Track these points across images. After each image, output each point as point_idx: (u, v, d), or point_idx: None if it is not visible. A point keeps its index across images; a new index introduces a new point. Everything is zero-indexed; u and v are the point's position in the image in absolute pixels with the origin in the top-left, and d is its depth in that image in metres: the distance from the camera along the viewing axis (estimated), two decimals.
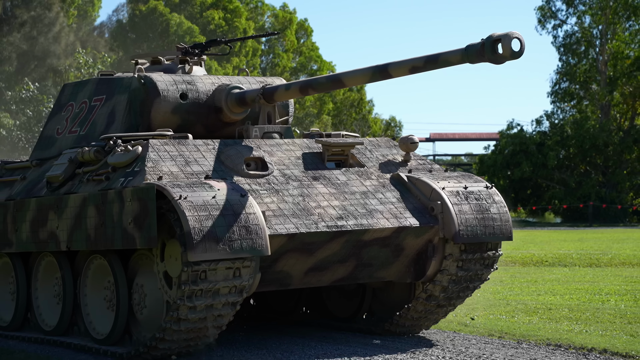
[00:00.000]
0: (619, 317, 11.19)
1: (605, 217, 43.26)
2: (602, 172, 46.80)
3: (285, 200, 8.57)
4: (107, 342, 9.00)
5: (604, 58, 47.06)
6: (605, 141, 45.40)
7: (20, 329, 10.40)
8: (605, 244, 25.01)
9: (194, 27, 44.97)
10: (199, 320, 8.18)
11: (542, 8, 49.23)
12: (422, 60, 8.23)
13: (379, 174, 9.37)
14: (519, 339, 9.67)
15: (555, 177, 46.49)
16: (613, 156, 46.29)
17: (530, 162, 45.86)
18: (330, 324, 10.41)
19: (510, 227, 9.22)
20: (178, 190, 7.96)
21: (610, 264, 19.10)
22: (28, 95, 41.17)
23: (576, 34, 48.17)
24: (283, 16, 50.38)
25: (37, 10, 43.56)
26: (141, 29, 46.11)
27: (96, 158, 9.11)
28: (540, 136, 47.25)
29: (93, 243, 8.82)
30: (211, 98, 10.00)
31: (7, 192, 10.40)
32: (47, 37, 43.65)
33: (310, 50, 51.04)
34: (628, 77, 46.19)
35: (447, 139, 75.41)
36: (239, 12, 47.46)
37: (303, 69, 49.66)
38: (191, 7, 47.50)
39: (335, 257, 8.79)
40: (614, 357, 8.80)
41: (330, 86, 9.27)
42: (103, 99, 10.21)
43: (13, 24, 43.18)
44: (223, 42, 11.28)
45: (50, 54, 43.54)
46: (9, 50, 42.47)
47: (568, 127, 46.86)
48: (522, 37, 7.41)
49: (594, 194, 44.41)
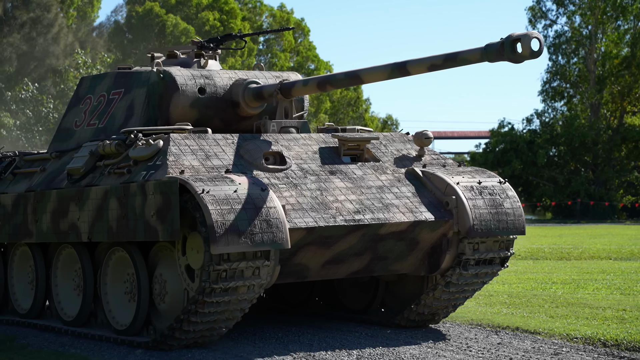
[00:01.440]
0: (549, 302, 11.90)
1: (594, 213, 44.01)
2: (592, 170, 47.56)
3: (303, 195, 8.75)
4: (128, 332, 9.18)
5: (593, 57, 47.81)
6: (594, 139, 46.20)
7: (39, 317, 10.58)
8: (580, 239, 25.63)
9: (190, 27, 45.46)
10: (219, 312, 8.37)
11: (533, 8, 50.04)
12: (441, 59, 8.39)
13: (394, 168, 9.54)
14: (448, 321, 10.43)
15: (545, 175, 47.28)
16: (602, 154, 47.06)
17: (520, 160, 46.67)
18: (342, 316, 10.59)
19: (523, 221, 9.40)
20: (200, 184, 8.13)
21: (580, 258, 19.68)
22: (27, 96, 41.56)
23: (566, 33, 48.98)
24: (280, 16, 50.90)
25: (37, 12, 44.33)
26: (138, 30, 46.72)
27: (117, 151, 9.27)
28: (531, 134, 48.09)
29: (115, 235, 8.99)
30: (228, 92, 10.15)
31: (26, 184, 10.55)
32: (46, 38, 44.36)
33: (307, 50, 51.44)
34: (616, 76, 46.99)
35: (447, 137, 75.84)
36: (234, 14, 47.93)
37: (300, 69, 50.11)
38: (187, 9, 48.03)
39: (352, 250, 8.97)
40: (523, 334, 9.63)
41: (348, 82, 9.43)
42: (121, 92, 10.35)
43: (13, 25, 43.92)
44: (238, 36, 11.43)
45: (49, 55, 44.18)
46: (9, 51, 43.08)
47: (558, 126, 47.74)
48: (541, 37, 7.57)
49: (583, 191, 45.17)
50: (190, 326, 8.47)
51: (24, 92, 41.76)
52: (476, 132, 71.71)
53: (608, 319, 10.41)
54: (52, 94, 42.35)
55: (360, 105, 53.86)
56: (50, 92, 42.48)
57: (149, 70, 10.22)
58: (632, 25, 47.53)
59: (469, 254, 9.15)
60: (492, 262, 9.39)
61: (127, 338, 9.12)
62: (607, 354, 8.71)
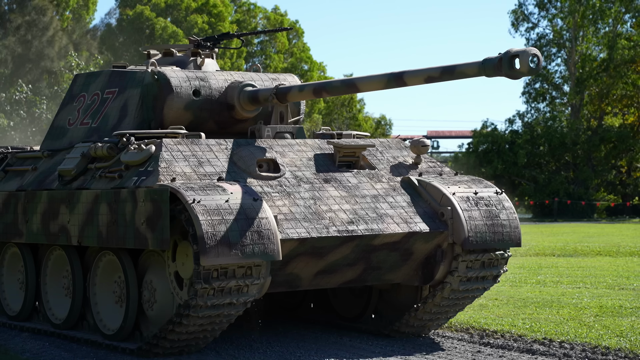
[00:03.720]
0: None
1: (573, 212, 44.96)
2: (572, 170, 48.52)
3: (296, 204, 8.62)
4: (116, 337, 9.08)
5: (574, 60, 48.83)
6: (574, 140, 47.27)
7: (29, 320, 10.48)
8: (536, 237, 26.49)
9: (179, 30, 45.93)
10: (206, 323, 8.26)
11: (516, 12, 51.12)
12: (439, 71, 8.24)
13: (389, 176, 9.41)
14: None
15: (526, 175, 48.25)
16: (581, 154, 48.11)
17: (501, 159, 47.69)
18: (336, 323, 10.48)
19: (519, 233, 9.27)
20: (192, 193, 8.00)
21: (526, 254, 20.70)
22: (22, 97, 42.04)
23: (547, 36, 50.13)
24: (275, 18, 51.10)
25: (32, 15, 45.28)
26: (129, 33, 47.41)
27: (109, 154, 9.13)
28: (512, 135, 49.15)
29: (104, 240, 8.87)
30: (224, 95, 10.01)
31: (17, 182, 10.42)
32: (41, 41, 45.31)
33: (301, 51, 51.53)
34: (594, 78, 47.95)
35: (444, 136, 76.24)
36: (222, 16, 48.28)
37: (294, 70, 50.44)
38: (176, 12, 48.48)
39: (345, 260, 8.85)
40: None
41: (344, 90, 9.30)
42: (115, 92, 10.21)
43: (8, 28, 44.84)
44: (235, 35, 11.27)
45: (44, 57, 44.93)
46: (4, 53, 43.80)
47: (538, 126, 48.80)
48: (540, 53, 7.42)
49: (562, 191, 46.14)
50: (177, 335, 8.37)
51: (18, 94, 42.31)
52: (460, 132, 72.44)
53: None
54: (46, 94, 42.89)
55: (354, 106, 54.00)
56: (44, 93, 43.01)
57: (144, 70, 10.07)
58: (611, 28, 48.77)
59: (462, 272, 9.03)
60: (485, 278, 9.27)
61: (118, 344, 9.00)
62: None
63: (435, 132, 76.73)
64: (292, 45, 51.69)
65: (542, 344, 9.36)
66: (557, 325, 10.39)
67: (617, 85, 47.57)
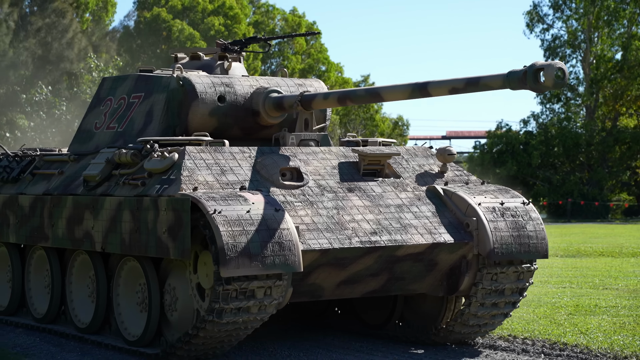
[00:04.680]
0: None
1: (587, 213, 44.98)
2: (587, 170, 48.62)
3: (319, 214, 8.55)
4: (139, 343, 9.08)
5: (588, 61, 48.88)
6: (588, 141, 47.38)
7: (54, 322, 10.52)
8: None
9: (195, 33, 46.21)
10: (228, 330, 8.23)
11: (530, 13, 51.20)
12: (463, 82, 8.13)
13: (414, 185, 9.30)
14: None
15: (540, 175, 48.42)
16: (595, 155, 48.16)
17: (515, 160, 47.85)
18: (361, 330, 10.40)
19: (546, 244, 9.13)
20: (213, 203, 7.95)
21: None
22: (42, 98, 42.72)
23: (561, 37, 50.25)
24: (292, 20, 51.22)
25: (52, 17, 46.08)
26: (146, 35, 47.79)
27: (133, 161, 9.12)
28: (526, 136, 49.34)
29: (127, 248, 8.86)
30: (249, 101, 9.96)
31: (44, 186, 10.45)
32: (61, 43, 46.07)
33: (318, 52, 51.55)
34: (609, 79, 47.91)
35: (463, 136, 75.95)
36: (239, 19, 48.49)
37: (311, 70, 50.45)
38: (193, 14, 48.83)
39: (368, 271, 8.77)
40: None
41: (368, 99, 9.21)
42: (142, 96, 10.20)
43: (29, 30, 45.55)
44: (262, 39, 11.22)
45: (64, 59, 45.73)
46: (25, 55, 44.59)
47: (553, 128, 48.95)
48: (565, 67, 7.27)
49: (576, 191, 46.21)
50: (197, 343, 8.35)
51: (38, 95, 43.00)
52: (478, 131, 72.45)
53: None
54: (65, 96, 43.52)
55: (371, 106, 53.86)
56: (64, 95, 43.70)
57: (169, 75, 10.04)
58: (625, 29, 48.71)
59: (487, 284, 8.91)
60: (511, 290, 9.13)
61: (140, 349, 9.01)
62: None
63: (454, 133, 76.40)
64: (310, 47, 51.81)
65: (506, 340, 9.72)
66: (528, 323, 10.66)
67: (631, 86, 47.52)
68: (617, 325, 10.48)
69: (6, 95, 43.64)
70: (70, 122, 42.49)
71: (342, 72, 52.69)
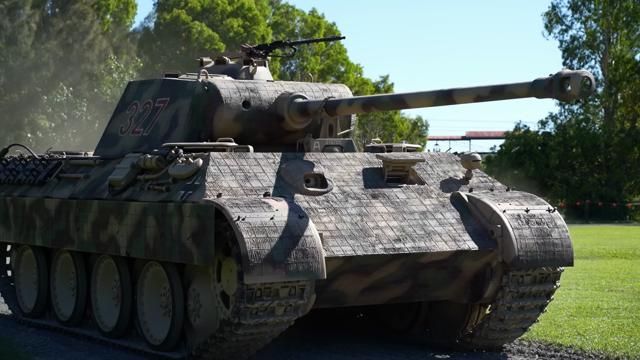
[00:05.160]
0: None
1: (605, 214, 44.89)
2: (605, 172, 48.58)
3: (343, 220, 8.54)
4: (163, 347, 9.11)
5: (607, 62, 48.87)
6: (606, 142, 47.41)
7: (80, 325, 10.58)
8: None
9: (214, 34, 46.37)
10: (252, 334, 8.25)
11: (549, 14, 51.35)
12: (488, 90, 8.10)
13: (439, 192, 9.27)
14: None
15: (558, 176, 48.45)
16: (614, 156, 48.15)
17: (533, 161, 47.90)
18: (385, 335, 10.39)
19: (571, 252, 9.07)
20: (237, 210, 7.97)
21: None
22: (63, 99, 43.17)
23: (580, 38, 50.34)
24: (312, 21, 51.40)
25: (73, 19, 46.86)
26: (165, 37, 48.21)
27: (157, 166, 9.15)
28: (544, 137, 49.40)
29: (152, 253, 8.90)
30: (273, 106, 9.96)
31: (70, 189, 10.51)
32: (82, 44, 46.81)
33: (337, 53, 51.68)
34: (628, 80, 47.91)
35: (483, 137, 75.79)
36: (257, 20, 48.70)
37: (330, 71, 50.62)
38: (212, 16, 49.07)
39: (391, 278, 8.75)
40: None
41: (392, 105, 9.20)
42: (167, 101, 10.23)
43: (51, 32, 46.22)
44: (288, 44, 11.22)
45: (84, 60, 46.36)
46: (47, 57, 45.01)
47: (570, 128, 49.06)
48: (592, 76, 7.22)
49: (594, 193, 46.18)
50: (225, 343, 8.36)
51: (60, 96, 43.45)
52: (498, 132, 72.37)
53: None
54: (86, 97, 43.99)
55: None
56: (84, 95, 44.17)
57: (195, 80, 10.06)
58: None
59: (512, 291, 8.86)
60: (536, 296, 9.09)
61: (164, 354, 9.04)
62: None
63: (474, 133, 76.12)
64: (329, 47, 51.91)
65: None
66: None
67: None
68: (615, 327, 10.54)
69: (28, 96, 44.24)
70: (91, 123, 43.03)
71: (361, 73, 52.77)
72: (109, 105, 41.97)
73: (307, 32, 50.46)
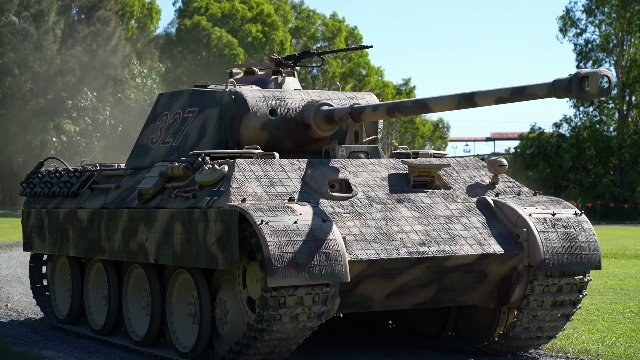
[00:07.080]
0: None
1: (617, 215, 44.98)
2: (619, 173, 48.77)
3: (367, 224, 8.57)
4: (191, 355, 9.18)
5: (621, 64, 49.12)
6: (619, 144, 47.76)
7: (112, 334, 10.70)
8: None
9: (234, 40, 46.95)
10: (279, 339, 8.29)
11: (564, 17, 51.88)
12: (509, 92, 8.11)
13: (465, 197, 9.27)
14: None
15: (572, 178, 48.65)
16: (627, 158, 48.42)
17: (547, 163, 48.23)
18: (415, 342, 10.37)
19: (599, 255, 9.01)
20: (260, 214, 8.03)
21: None
22: (87, 104, 43.83)
23: (594, 41, 50.78)
24: (332, 24, 51.58)
25: (97, 26, 47.97)
26: (186, 42, 48.80)
27: (184, 174, 9.26)
28: (558, 139, 49.80)
29: (179, 259, 9.00)
30: (300, 114, 10.04)
31: (102, 200, 10.67)
32: (106, 50, 47.86)
33: (359, 56, 52.02)
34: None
35: (507, 138, 75.61)
36: (276, 26, 49.09)
37: (352, 75, 50.77)
38: (232, 21, 49.51)
39: (417, 282, 8.75)
40: None
41: (416, 110, 9.23)
42: (196, 111, 10.35)
43: (76, 38, 47.21)
44: (316, 54, 11.30)
45: (108, 65, 47.08)
46: (72, 62, 45.79)
47: (585, 131, 49.46)
48: (611, 74, 7.20)
49: (608, 194, 46.37)
50: (251, 350, 8.41)
51: (84, 101, 44.09)
52: (519, 133, 72.17)
53: None
54: (110, 102, 44.56)
55: None
56: (108, 100, 44.75)
57: (222, 90, 10.18)
58: None
59: (538, 295, 8.81)
60: (564, 302, 9.03)
61: None
62: None
63: (498, 134, 75.65)
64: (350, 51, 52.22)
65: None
66: None
67: None
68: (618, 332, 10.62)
69: (54, 101, 44.84)
70: (114, 127, 43.50)
71: (382, 76, 52.94)
72: (132, 110, 42.48)
73: (327, 36, 50.79)
